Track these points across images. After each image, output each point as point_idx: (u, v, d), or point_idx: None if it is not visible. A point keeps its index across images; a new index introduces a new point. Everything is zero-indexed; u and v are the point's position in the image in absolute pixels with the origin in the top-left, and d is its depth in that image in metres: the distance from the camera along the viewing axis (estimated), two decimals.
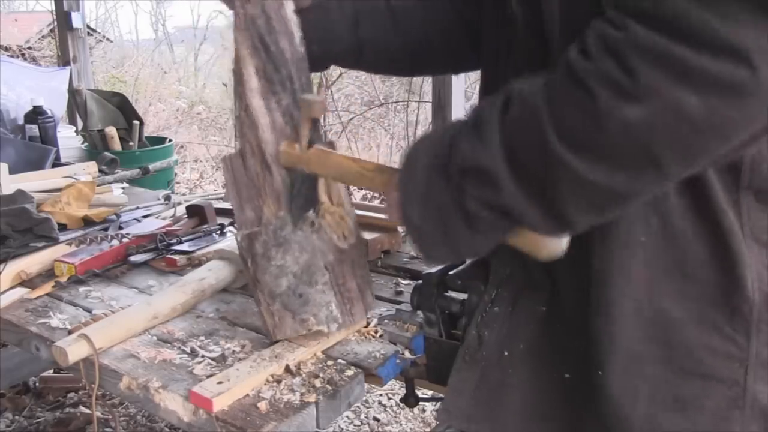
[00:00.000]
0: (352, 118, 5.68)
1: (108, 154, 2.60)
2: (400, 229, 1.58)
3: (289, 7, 1.00)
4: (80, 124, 3.24)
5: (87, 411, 2.41)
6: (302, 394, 0.96)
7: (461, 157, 0.72)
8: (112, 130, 2.99)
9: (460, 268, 1.11)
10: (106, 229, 1.68)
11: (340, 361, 1.05)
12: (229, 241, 1.51)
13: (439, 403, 0.99)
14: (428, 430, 2.37)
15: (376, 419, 2.46)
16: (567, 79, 0.64)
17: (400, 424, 2.43)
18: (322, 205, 0.99)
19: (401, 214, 0.81)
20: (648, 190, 0.68)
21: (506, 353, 0.92)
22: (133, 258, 1.49)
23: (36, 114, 2.42)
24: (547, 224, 0.71)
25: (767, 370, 0.79)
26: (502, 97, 0.70)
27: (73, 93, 3.15)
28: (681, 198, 0.76)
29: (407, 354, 1.09)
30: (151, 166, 2.87)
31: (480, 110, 0.73)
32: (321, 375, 1.00)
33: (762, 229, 0.77)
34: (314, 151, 0.95)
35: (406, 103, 5.41)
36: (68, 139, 2.89)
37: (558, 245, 0.77)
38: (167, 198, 2.00)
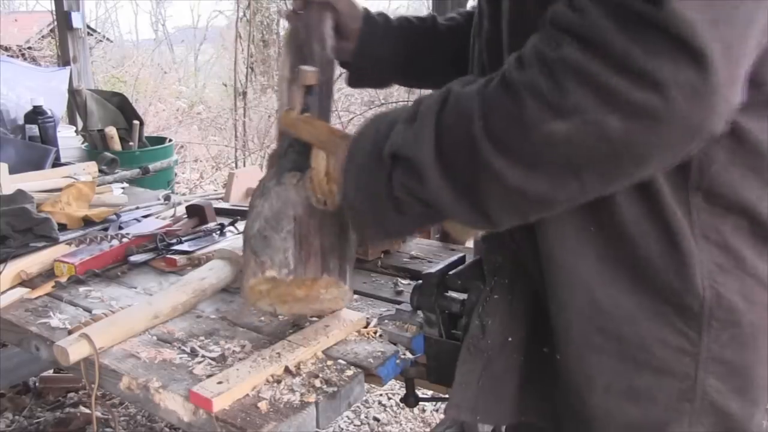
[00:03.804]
0: (352, 119, 5.68)
1: (108, 154, 2.60)
2: None
3: (328, 24, 1.15)
4: (80, 124, 3.24)
5: (87, 411, 2.41)
6: (302, 394, 0.96)
7: (393, 146, 0.77)
8: (112, 130, 2.99)
9: (460, 268, 1.11)
10: (106, 229, 1.68)
11: (340, 361, 1.05)
12: (230, 241, 1.51)
13: (439, 403, 0.99)
14: (428, 430, 2.37)
15: (376, 419, 2.46)
16: (501, 87, 0.68)
17: (400, 424, 2.43)
18: (312, 170, 1.01)
19: (340, 185, 0.86)
20: (570, 200, 0.71)
21: (510, 339, 0.95)
22: (133, 258, 1.49)
23: (36, 114, 2.42)
24: (472, 220, 0.75)
25: (718, 365, 0.80)
26: (442, 94, 0.74)
27: (73, 93, 3.15)
28: (629, 195, 0.78)
29: (407, 354, 1.09)
30: (151, 166, 2.87)
31: (419, 104, 0.77)
32: (321, 375, 1.00)
33: (711, 228, 0.78)
34: (303, 118, 1.02)
35: (405, 102, 5.41)
36: (68, 139, 2.90)
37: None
38: (167, 198, 2.00)
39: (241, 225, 1.68)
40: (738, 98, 0.63)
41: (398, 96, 6.23)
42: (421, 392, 1.28)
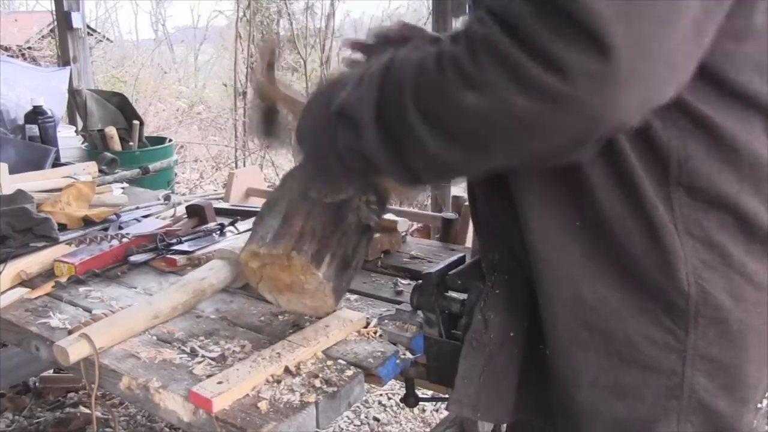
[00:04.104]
0: None
1: (108, 154, 2.60)
2: (399, 228, 1.58)
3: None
4: (80, 124, 3.25)
5: (87, 411, 2.41)
6: (302, 394, 0.96)
7: (339, 104, 0.82)
8: (112, 130, 3.00)
9: (460, 268, 1.11)
10: (106, 229, 1.68)
11: (340, 361, 1.05)
12: (230, 241, 1.51)
13: (439, 403, 1.00)
14: (428, 430, 2.37)
15: (376, 419, 2.46)
16: (434, 57, 0.71)
17: (400, 424, 2.43)
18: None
19: (297, 137, 0.93)
20: (481, 169, 0.77)
21: (512, 334, 0.96)
22: (133, 258, 1.49)
23: (36, 114, 2.42)
24: (402, 177, 0.80)
25: (705, 362, 0.80)
26: (388, 60, 0.79)
27: (73, 93, 3.16)
28: (610, 191, 0.78)
29: (407, 354, 1.09)
30: (151, 166, 2.87)
31: (369, 67, 0.81)
32: (321, 375, 1.00)
33: (695, 224, 0.78)
34: (273, 85, 1.13)
35: None
36: (68, 139, 2.89)
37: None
38: (167, 198, 2.00)
39: (241, 225, 1.68)
40: (655, 94, 0.65)
41: None
42: (421, 392, 1.28)
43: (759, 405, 0.85)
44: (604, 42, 0.60)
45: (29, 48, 8.12)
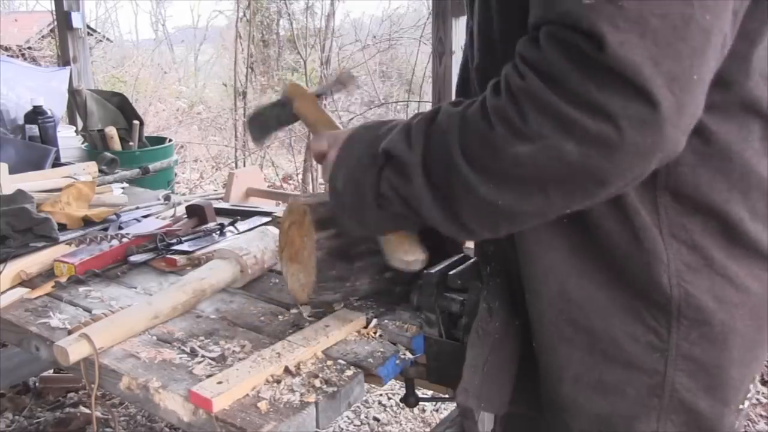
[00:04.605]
0: (352, 119, 5.68)
1: (108, 154, 2.60)
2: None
3: None
4: (80, 124, 3.24)
5: (87, 411, 2.41)
6: (302, 394, 0.96)
7: (388, 144, 0.83)
8: (112, 130, 2.99)
9: (460, 268, 1.11)
10: (106, 229, 1.68)
11: (340, 361, 1.05)
12: (229, 241, 1.51)
13: (439, 403, 1.00)
14: (428, 430, 2.37)
15: (376, 419, 2.46)
16: (478, 110, 0.74)
17: (400, 424, 2.43)
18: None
19: (330, 175, 0.94)
20: (537, 214, 0.76)
21: (518, 323, 0.97)
22: (133, 258, 1.49)
23: (36, 114, 2.42)
24: (446, 226, 0.81)
25: (688, 363, 0.81)
26: (433, 111, 0.81)
27: (73, 93, 3.15)
28: None
29: (407, 354, 1.09)
30: (151, 166, 2.87)
31: (414, 118, 0.84)
32: (321, 375, 1.00)
33: (680, 227, 0.79)
34: (304, 93, 1.18)
35: (406, 103, 5.41)
36: (68, 139, 2.89)
37: (411, 259, 0.99)
38: (167, 198, 2.00)
39: (241, 225, 1.68)
40: (697, 114, 0.67)
41: (398, 96, 6.23)
42: (421, 392, 1.28)
43: (741, 406, 0.86)
44: (643, 87, 0.62)
45: (29, 48, 8.12)
